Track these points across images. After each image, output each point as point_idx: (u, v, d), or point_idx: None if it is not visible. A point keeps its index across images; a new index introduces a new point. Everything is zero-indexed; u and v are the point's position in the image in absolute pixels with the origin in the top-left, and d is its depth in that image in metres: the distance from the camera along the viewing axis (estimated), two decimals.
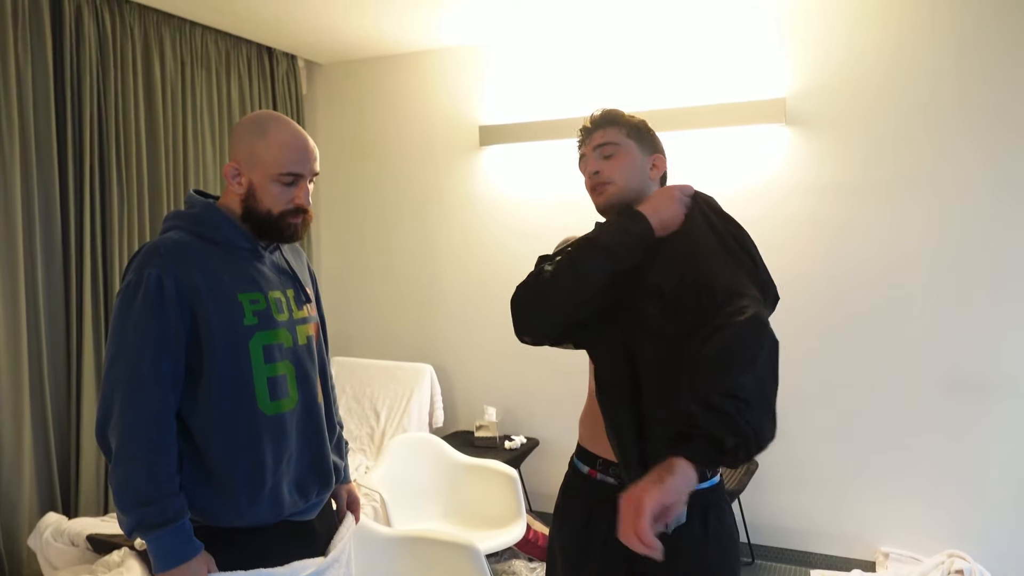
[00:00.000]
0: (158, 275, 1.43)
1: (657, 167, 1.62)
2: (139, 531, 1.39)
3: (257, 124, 1.56)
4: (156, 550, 1.40)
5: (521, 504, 3.03)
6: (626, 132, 1.59)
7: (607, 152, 1.58)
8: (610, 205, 1.59)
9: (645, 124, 1.64)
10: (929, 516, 3.23)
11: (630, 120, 1.62)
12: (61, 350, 3.05)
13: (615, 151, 1.58)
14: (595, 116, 1.65)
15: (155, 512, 1.38)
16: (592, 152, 1.60)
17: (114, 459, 1.40)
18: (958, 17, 3.06)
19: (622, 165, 1.57)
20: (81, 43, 3.03)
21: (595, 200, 1.64)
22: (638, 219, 1.46)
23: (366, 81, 4.27)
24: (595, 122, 1.64)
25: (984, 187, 3.07)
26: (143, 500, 1.38)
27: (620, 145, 1.58)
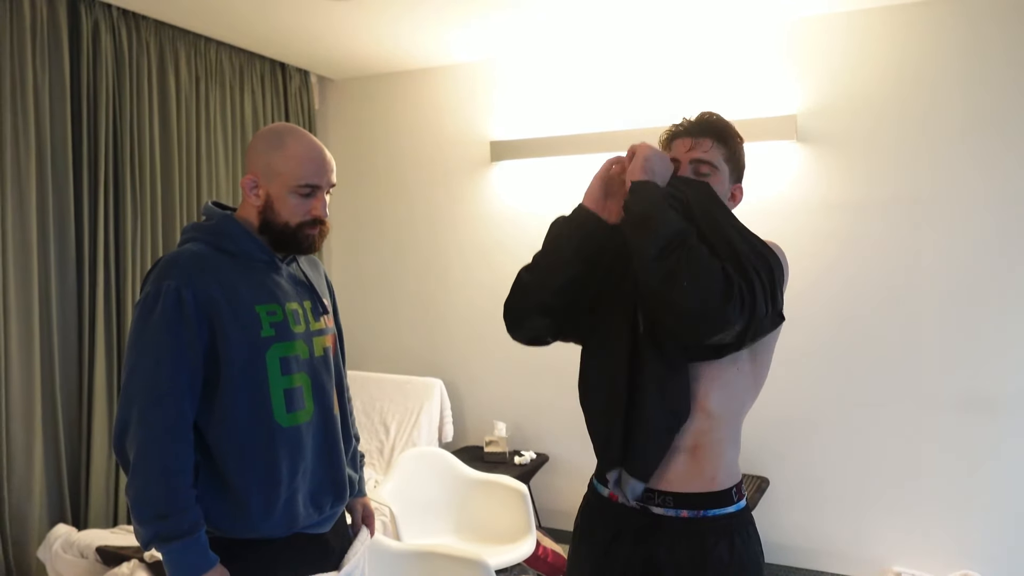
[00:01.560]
0: (177, 287, 1.44)
1: (735, 198, 1.57)
2: (155, 543, 1.39)
3: (274, 136, 1.57)
4: (172, 562, 1.40)
5: (531, 520, 3.02)
6: (725, 156, 1.51)
7: (703, 171, 1.50)
8: None
9: (742, 148, 1.56)
10: (941, 536, 3.20)
11: (735, 141, 1.53)
12: (73, 362, 3.06)
13: (711, 172, 1.50)
14: (704, 120, 1.53)
15: (171, 525, 1.38)
16: (687, 164, 1.51)
17: (131, 471, 1.41)
18: (967, 38, 3.07)
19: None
20: (98, 58, 3.07)
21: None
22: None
23: (378, 97, 4.30)
24: (702, 128, 1.52)
25: (993, 206, 3.07)
26: (160, 513, 1.38)
27: (718, 169, 1.50)
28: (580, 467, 3.80)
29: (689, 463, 1.46)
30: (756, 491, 3.24)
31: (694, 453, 1.46)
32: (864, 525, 3.33)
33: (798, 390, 3.41)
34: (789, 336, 3.36)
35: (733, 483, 1.49)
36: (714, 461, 1.46)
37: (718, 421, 1.47)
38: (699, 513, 1.44)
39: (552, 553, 3.29)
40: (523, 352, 3.95)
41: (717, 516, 1.45)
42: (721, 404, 1.46)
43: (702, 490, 1.45)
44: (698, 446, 1.46)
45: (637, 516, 1.49)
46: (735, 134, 1.53)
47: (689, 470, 1.45)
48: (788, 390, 3.42)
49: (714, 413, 1.46)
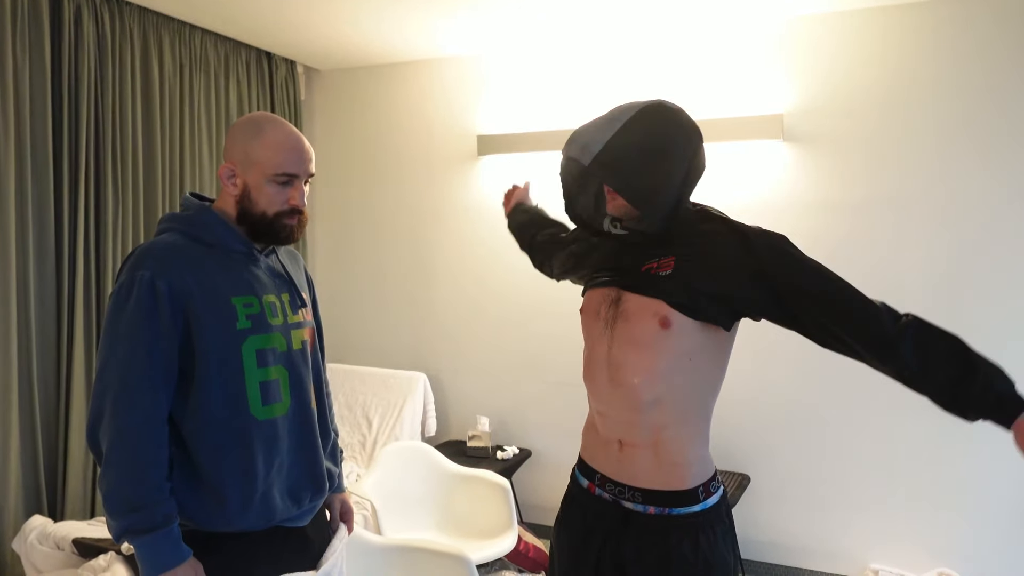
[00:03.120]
0: (151, 277, 1.42)
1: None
2: (127, 536, 1.37)
3: (252, 125, 1.55)
4: (144, 555, 1.38)
5: (513, 515, 3.02)
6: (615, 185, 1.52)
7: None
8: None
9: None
10: (919, 533, 3.23)
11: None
12: (51, 352, 3.02)
13: (611, 197, 1.55)
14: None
15: (143, 517, 1.36)
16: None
17: (104, 463, 1.39)
18: (954, 39, 3.08)
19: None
20: (80, 44, 3.02)
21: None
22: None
23: (365, 88, 4.27)
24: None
25: (979, 206, 3.09)
26: (132, 505, 1.37)
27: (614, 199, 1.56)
28: (562, 462, 3.80)
29: (652, 459, 1.47)
30: (737, 488, 3.25)
31: (655, 449, 1.47)
32: (844, 523, 3.36)
33: (779, 388, 3.43)
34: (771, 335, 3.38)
35: (700, 481, 1.48)
36: (677, 457, 1.46)
37: (672, 417, 1.46)
38: (664, 510, 1.46)
39: (534, 548, 3.29)
40: (507, 347, 3.96)
41: (682, 514, 1.45)
42: (671, 399, 1.46)
43: (667, 488, 1.46)
44: (658, 442, 1.46)
45: (610, 509, 1.51)
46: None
47: (653, 466, 1.47)
48: (770, 388, 3.43)
49: (665, 409, 1.46)
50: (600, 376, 1.53)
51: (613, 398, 1.50)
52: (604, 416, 1.55)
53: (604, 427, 1.55)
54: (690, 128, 1.48)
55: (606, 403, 1.53)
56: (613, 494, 1.50)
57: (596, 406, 1.58)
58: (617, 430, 1.51)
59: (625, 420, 1.49)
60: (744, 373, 3.43)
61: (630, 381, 1.46)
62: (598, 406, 1.57)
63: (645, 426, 1.47)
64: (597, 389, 1.55)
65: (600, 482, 1.54)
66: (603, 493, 1.53)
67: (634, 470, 1.48)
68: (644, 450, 1.47)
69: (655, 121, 1.45)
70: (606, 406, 1.53)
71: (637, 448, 1.48)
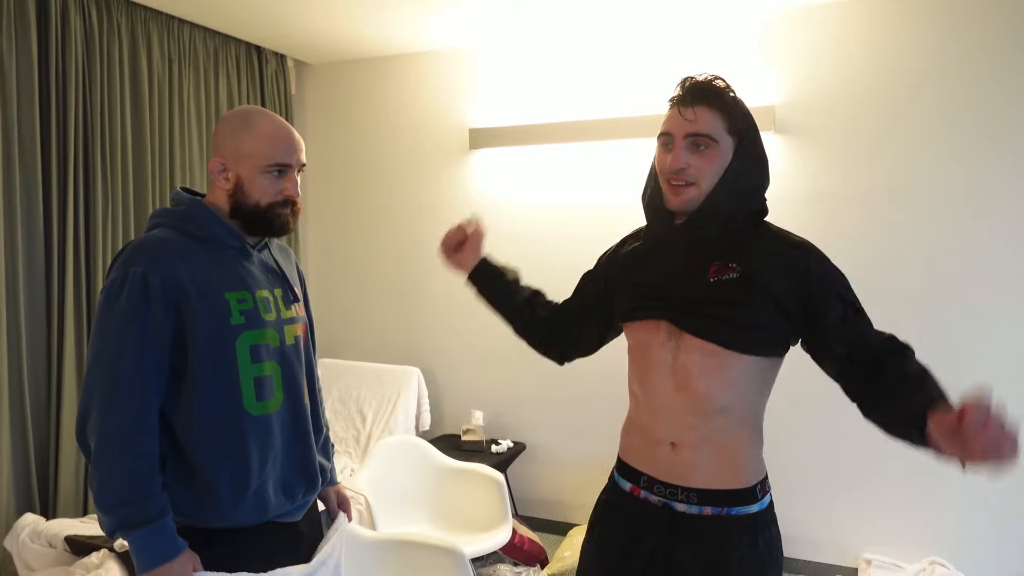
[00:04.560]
0: (143, 273, 1.41)
1: (748, 152, 1.45)
2: (121, 531, 1.36)
3: (241, 118, 1.55)
4: (138, 550, 1.37)
5: (507, 509, 3.02)
6: (726, 126, 1.39)
7: (700, 144, 1.38)
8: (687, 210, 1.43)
9: (742, 105, 1.44)
10: (911, 523, 3.25)
11: (734, 104, 1.41)
12: (42, 348, 3.01)
13: (708, 145, 1.38)
14: (696, 86, 1.41)
15: (136, 512, 1.36)
16: (681, 140, 1.39)
17: (94, 460, 1.38)
18: (944, 31, 3.09)
19: (713, 166, 1.39)
20: (67, 39, 3.00)
21: (670, 199, 1.44)
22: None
23: (356, 82, 4.25)
24: (694, 95, 1.40)
25: (967, 198, 3.10)
26: (124, 500, 1.36)
27: (717, 142, 1.38)
28: (557, 456, 3.81)
29: (710, 459, 1.42)
30: None
31: (715, 451, 1.42)
32: (836, 513, 3.37)
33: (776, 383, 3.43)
34: None
35: (758, 480, 1.46)
36: (736, 458, 1.43)
37: (735, 420, 1.44)
38: (723, 511, 1.41)
39: (528, 541, 3.30)
40: (501, 341, 3.93)
41: (741, 514, 1.41)
42: (737, 403, 1.43)
43: (726, 487, 1.41)
44: (717, 443, 1.42)
45: (659, 513, 1.45)
46: (733, 97, 1.43)
47: (711, 466, 1.42)
48: None
49: (730, 412, 1.43)
50: (663, 384, 1.45)
51: (677, 403, 1.43)
52: (657, 417, 1.46)
53: (655, 428, 1.46)
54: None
55: (665, 407, 1.45)
56: (663, 496, 1.44)
57: (648, 407, 1.49)
58: (671, 432, 1.44)
59: (684, 423, 1.43)
60: None
61: (702, 387, 1.40)
62: (651, 407, 1.48)
63: (706, 428, 1.42)
64: (655, 395, 1.46)
65: (647, 484, 1.47)
66: (650, 496, 1.46)
67: (690, 471, 1.41)
68: (701, 451, 1.42)
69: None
70: (664, 409, 1.45)
71: (693, 449, 1.42)
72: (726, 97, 1.41)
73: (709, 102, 1.39)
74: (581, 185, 3.69)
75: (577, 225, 3.66)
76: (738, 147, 1.41)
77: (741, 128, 1.41)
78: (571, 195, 3.71)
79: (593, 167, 3.66)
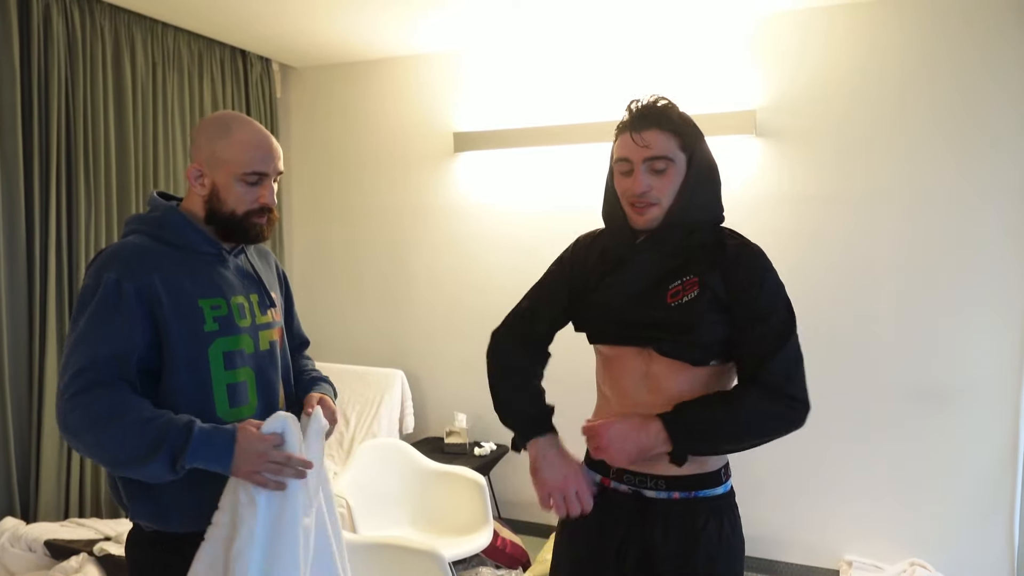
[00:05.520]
0: (116, 279, 1.41)
1: (698, 164, 1.49)
2: (179, 465, 1.34)
3: (219, 124, 1.55)
4: (206, 460, 1.37)
5: (488, 511, 3.03)
6: (679, 144, 1.45)
7: (658, 168, 1.44)
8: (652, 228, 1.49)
9: (690, 121, 1.49)
10: (892, 525, 3.28)
11: (682, 121, 1.46)
12: (23, 352, 3.00)
13: (667, 166, 1.44)
14: (644, 110, 1.46)
15: (171, 441, 1.34)
16: (640, 165, 1.45)
17: (96, 441, 1.36)
18: (925, 35, 3.12)
19: (672, 185, 1.45)
20: (49, 42, 3.00)
21: (635, 219, 1.50)
22: (524, 439, 1.60)
23: (341, 86, 4.26)
24: (644, 119, 1.45)
25: (948, 200, 3.13)
26: (153, 442, 1.33)
27: (673, 161, 1.44)
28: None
29: None
30: None
31: None
32: (817, 515, 3.40)
33: None
34: None
35: (721, 464, 1.54)
36: None
37: None
38: (691, 494, 1.49)
39: (510, 544, 3.31)
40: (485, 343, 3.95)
41: (708, 497, 1.50)
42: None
43: (692, 472, 1.49)
44: None
45: (629, 500, 1.52)
46: (680, 115, 1.47)
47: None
48: None
49: None
50: (635, 388, 1.52)
51: (651, 404, 1.48)
52: (629, 412, 1.52)
53: None
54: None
55: (637, 407, 1.50)
56: (633, 484, 1.51)
57: (619, 407, 1.55)
58: None
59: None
60: None
61: (673, 389, 1.48)
62: (622, 407, 1.54)
63: None
64: (627, 397, 1.53)
65: (616, 475, 1.54)
66: (620, 485, 1.53)
67: (658, 459, 1.47)
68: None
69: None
70: (636, 407, 1.50)
71: None
72: (674, 116, 1.46)
73: (660, 125, 1.44)
74: (565, 189, 3.71)
75: (561, 229, 3.65)
76: (690, 161, 1.46)
77: (691, 143, 1.46)
78: (555, 199, 3.73)
79: (577, 171, 3.68)
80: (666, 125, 1.44)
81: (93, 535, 2.75)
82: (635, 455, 1.42)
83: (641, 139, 1.44)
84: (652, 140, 1.43)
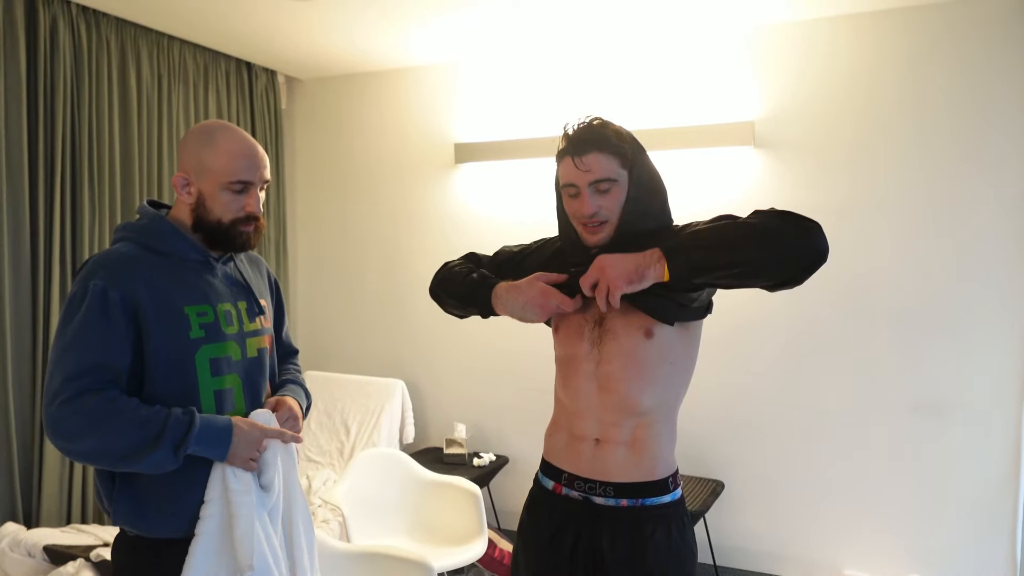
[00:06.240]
0: (104, 287, 1.42)
1: (639, 175, 1.53)
2: (179, 453, 1.39)
3: (205, 133, 1.56)
4: (204, 448, 1.43)
5: (483, 521, 3.03)
6: (620, 163, 1.48)
7: (603, 189, 1.48)
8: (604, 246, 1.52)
9: (629, 138, 1.52)
10: (891, 540, 3.25)
11: (619, 141, 1.49)
12: (27, 361, 3.04)
13: (611, 187, 1.48)
14: (581, 135, 1.50)
15: (170, 432, 1.39)
16: (586, 188, 1.48)
17: (96, 439, 1.37)
18: (921, 47, 3.12)
19: (618, 201, 1.49)
20: (56, 55, 3.05)
21: (588, 238, 1.54)
22: (487, 289, 1.64)
23: (345, 97, 4.30)
24: (583, 144, 1.48)
25: (948, 213, 3.12)
26: (153, 435, 1.38)
27: (616, 181, 1.48)
28: None
29: (628, 455, 1.53)
30: (711, 495, 3.27)
31: (633, 446, 1.54)
32: (816, 529, 3.37)
33: (753, 394, 3.45)
34: (744, 341, 3.41)
35: (669, 473, 1.56)
36: (652, 452, 1.54)
37: (654, 417, 1.55)
38: (638, 502, 1.52)
39: (508, 555, 3.30)
40: (486, 354, 3.98)
41: (655, 505, 1.52)
42: (655, 401, 1.54)
43: (640, 479, 1.52)
44: (636, 439, 1.54)
45: (579, 506, 1.56)
46: (615, 132, 1.50)
47: (628, 461, 1.53)
48: (743, 394, 3.45)
49: (650, 410, 1.54)
50: (587, 387, 1.56)
51: (602, 404, 1.54)
52: (581, 417, 1.58)
53: (579, 427, 1.58)
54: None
55: (590, 407, 1.56)
56: (583, 491, 1.55)
57: (573, 409, 1.60)
58: (596, 429, 1.56)
59: (608, 421, 1.54)
60: (718, 382, 3.45)
61: (622, 389, 1.52)
62: (576, 409, 1.59)
63: (628, 425, 1.53)
64: (580, 398, 1.58)
65: (567, 481, 1.58)
66: (571, 492, 1.57)
67: (608, 466, 1.53)
68: (620, 446, 1.53)
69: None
70: (589, 410, 1.56)
71: (615, 445, 1.54)
72: (611, 136, 1.49)
73: (598, 147, 1.47)
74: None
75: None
76: (631, 176, 1.50)
77: (631, 158, 1.50)
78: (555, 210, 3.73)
79: None
80: (605, 147, 1.47)
81: (92, 541, 2.77)
82: (633, 272, 1.37)
83: (583, 163, 1.47)
84: (593, 164, 1.47)
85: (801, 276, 1.35)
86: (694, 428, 3.31)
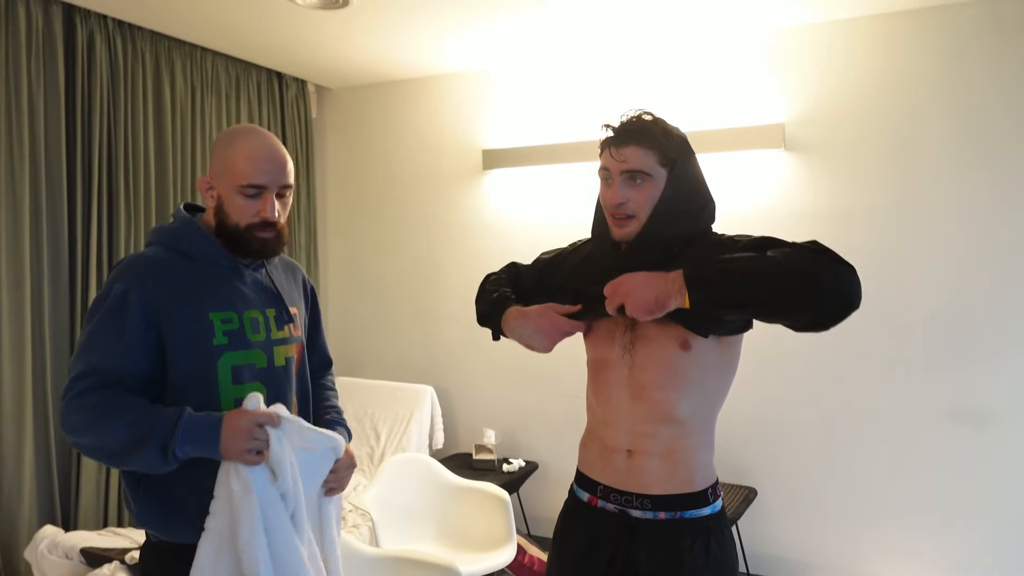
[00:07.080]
0: (124, 290, 1.43)
1: (686, 176, 1.49)
2: (172, 456, 1.35)
3: (228, 136, 1.54)
4: (194, 445, 1.37)
5: (512, 527, 3.02)
6: (659, 159, 1.44)
7: (636, 181, 1.45)
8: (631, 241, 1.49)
9: (674, 137, 1.47)
10: (926, 549, 3.17)
11: (663, 139, 1.45)
12: (65, 365, 3.11)
13: (644, 180, 1.45)
14: (625, 126, 1.47)
15: (160, 430, 1.35)
16: (618, 176, 1.46)
17: (94, 435, 1.39)
18: (949, 48, 3.05)
19: (649, 198, 1.45)
20: (93, 68, 3.13)
21: (615, 230, 1.52)
22: (499, 312, 1.66)
23: (374, 105, 4.34)
24: (624, 135, 1.46)
25: (982, 211, 3.04)
26: (145, 432, 1.35)
27: (651, 175, 1.44)
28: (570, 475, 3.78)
29: (663, 466, 1.48)
30: (743, 502, 3.22)
31: (669, 457, 1.48)
32: (853, 537, 3.30)
33: (786, 401, 3.39)
34: (777, 347, 3.36)
35: (708, 484, 1.51)
36: (688, 463, 1.49)
37: (690, 427, 1.49)
38: (676, 515, 1.47)
39: (538, 561, 3.29)
40: (516, 360, 3.97)
41: (694, 517, 1.47)
42: (692, 410, 1.49)
43: (678, 491, 1.47)
44: (672, 450, 1.48)
45: (616, 519, 1.51)
46: (662, 130, 1.46)
47: (664, 472, 1.48)
48: (777, 401, 3.40)
49: (686, 419, 1.48)
50: (618, 395, 1.52)
51: (634, 412, 1.50)
52: (613, 427, 1.53)
53: (612, 437, 1.54)
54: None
55: (622, 416, 1.52)
56: (619, 504, 1.50)
57: (605, 419, 1.56)
58: (628, 440, 1.51)
59: (641, 431, 1.50)
60: (752, 388, 3.39)
61: (656, 397, 1.48)
62: (607, 417, 1.55)
63: (662, 436, 1.48)
64: (612, 406, 1.54)
65: (603, 493, 1.54)
66: (607, 504, 1.53)
67: (644, 478, 1.48)
68: (656, 458, 1.48)
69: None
70: (621, 419, 1.52)
71: (648, 456, 1.49)
72: (655, 132, 1.45)
73: (638, 141, 1.44)
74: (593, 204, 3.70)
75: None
76: (670, 175, 1.46)
77: (673, 157, 1.46)
78: (583, 214, 3.71)
79: None
80: (645, 141, 1.44)
81: (127, 544, 2.81)
82: (652, 303, 1.31)
83: (619, 154, 1.45)
84: (629, 155, 1.44)
85: (828, 324, 1.28)
86: (727, 434, 3.26)
